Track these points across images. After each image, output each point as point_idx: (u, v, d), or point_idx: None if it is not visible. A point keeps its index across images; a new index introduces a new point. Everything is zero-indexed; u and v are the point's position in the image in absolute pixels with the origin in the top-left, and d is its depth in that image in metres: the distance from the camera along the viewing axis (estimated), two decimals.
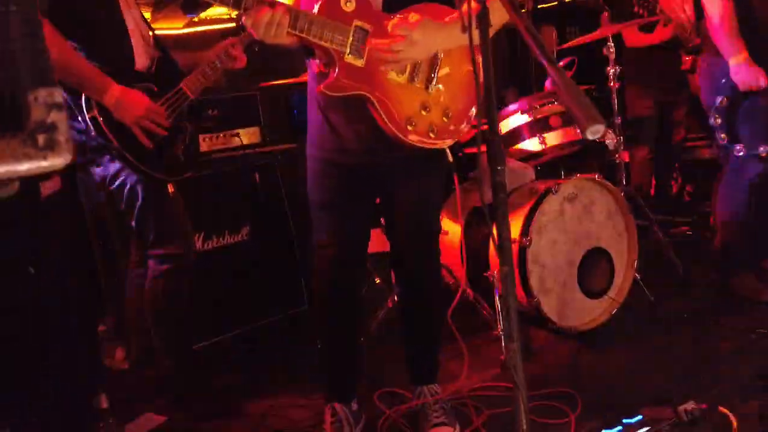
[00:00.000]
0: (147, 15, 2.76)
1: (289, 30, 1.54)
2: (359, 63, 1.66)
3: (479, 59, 1.09)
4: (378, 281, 3.18)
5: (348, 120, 1.79)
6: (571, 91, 0.95)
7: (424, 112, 1.75)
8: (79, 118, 2.08)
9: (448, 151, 1.92)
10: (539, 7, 5.29)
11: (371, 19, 1.66)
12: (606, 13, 3.23)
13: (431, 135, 1.76)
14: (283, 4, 1.54)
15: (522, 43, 5.27)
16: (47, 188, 1.61)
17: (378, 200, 2.11)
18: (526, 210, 2.73)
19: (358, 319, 2.17)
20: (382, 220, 2.19)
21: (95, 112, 2.07)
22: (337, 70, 1.63)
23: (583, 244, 2.83)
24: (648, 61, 4.11)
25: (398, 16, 1.71)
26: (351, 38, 1.63)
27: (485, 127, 1.16)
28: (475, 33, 1.14)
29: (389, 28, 1.67)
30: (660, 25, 3.80)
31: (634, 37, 4.08)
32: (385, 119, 1.69)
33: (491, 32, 1.54)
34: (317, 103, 1.86)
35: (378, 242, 2.34)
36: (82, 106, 2.07)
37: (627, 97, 4.33)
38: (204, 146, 2.94)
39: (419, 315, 2.09)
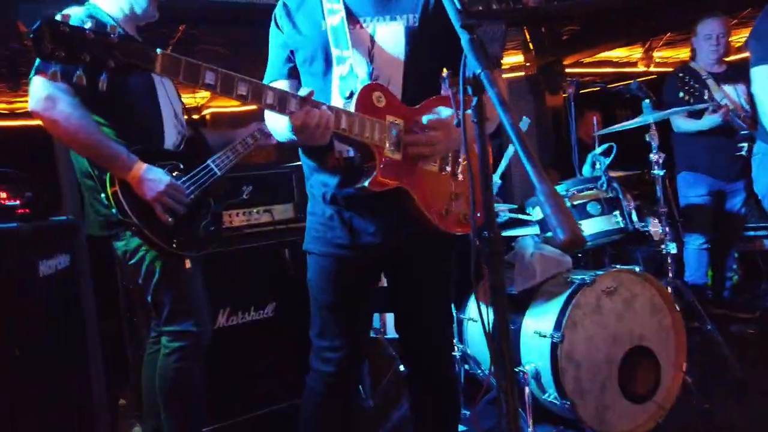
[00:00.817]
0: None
1: (333, 130, 1.55)
2: (397, 157, 1.66)
3: (473, 152, 1.01)
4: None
5: (369, 215, 1.75)
6: (550, 196, 0.85)
7: (454, 201, 1.76)
8: (102, 194, 2.12)
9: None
10: (581, 92, 5.26)
11: (400, 113, 1.67)
12: (648, 101, 3.14)
13: (463, 222, 1.78)
14: (323, 103, 1.54)
15: (565, 127, 5.28)
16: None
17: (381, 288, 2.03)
18: (559, 302, 2.56)
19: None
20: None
21: (116, 188, 2.10)
22: (378, 165, 1.63)
23: (623, 342, 2.62)
24: (700, 147, 3.96)
25: (429, 111, 1.70)
26: (388, 133, 1.64)
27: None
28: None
29: (423, 122, 1.67)
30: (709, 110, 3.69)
31: (682, 121, 3.96)
32: (424, 210, 1.69)
33: (491, 126, 1.54)
34: (324, 197, 1.80)
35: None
36: (105, 182, 2.11)
37: (678, 183, 4.16)
38: (236, 221, 2.97)
39: (436, 422, 1.93)
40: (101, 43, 1.26)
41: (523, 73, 6.50)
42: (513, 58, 6.59)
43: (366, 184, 1.62)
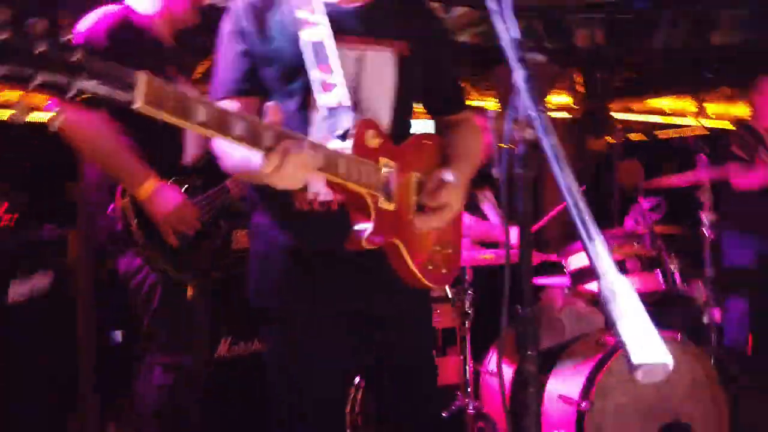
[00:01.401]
0: None
1: (320, 171, 1.24)
2: (391, 207, 1.40)
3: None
4: None
5: (342, 275, 1.49)
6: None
7: (437, 253, 1.54)
8: (112, 207, 2.01)
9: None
10: (630, 139, 5.06)
11: (391, 154, 1.42)
12: (703, 156, 2.93)
13: (444, 271, 1.56)
14: (303, 138, 1.22)
15: (607, 174, 5.08)
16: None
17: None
18: (589, 366, 2.36)
19: None
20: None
21: (127, 202, 1.99)
22: (373, 218, 1.36)
23: (658, 416, 2.40)
24: (752, 206, 3.70)
25: (419, 151, 1.52)
26: (381, 179, 1.39)
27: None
28: None
29: (430, 189, 1.47)
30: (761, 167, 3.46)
31: (742, 178, 3.69)
32: (411, 264, 1.44)
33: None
34: (282, 251, 1.49)
35: None
36: (116, 194, 2.00)
37: (723, 243, 3.90)
38: (242, 243, 2.82)
39: None
40: (60, 62, 0.87)
41: (567, 115, 6.31)
42: (558, 98, 6.41)
43: (365, 243, 1.35)
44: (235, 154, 1.33)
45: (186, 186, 2.11)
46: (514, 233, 2.91)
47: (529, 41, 4.83)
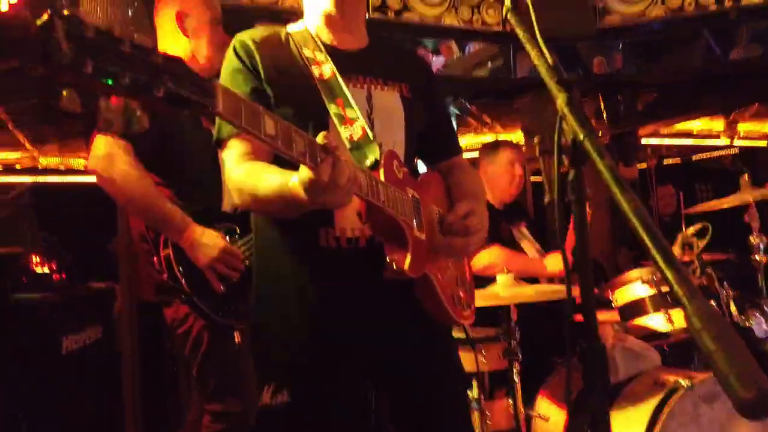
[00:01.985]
0: None
1: (363, 196, 1.22)
2: (422, 237, 1.38)
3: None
4: None
5: (366, 316, 1.42)
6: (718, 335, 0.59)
7: (459, 285, 1.53)
8: (155, 257, 2.03)
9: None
10: (665, 163, 4.96)
11: (412, 185, 1.43)
12: (746, 176, 2.83)
13: (465, 308, 1.53)
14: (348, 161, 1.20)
15: (644, 196, 4.95)
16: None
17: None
18: (649, 408, 2.19)
19: None
20: None
21: (170, 251, 2.00)
22: (410, 248, 1.31)
23: None
24: None
25: (434, 187, 1.52)
26: (413, 209, 1.38)
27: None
28: None
29: (459, 212, 1.45)
30: None
31: None
32: (441, 296, 1.40)
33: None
34: (302, 293, 1.43)
35: None
36: (159, 245, 2.02)
37: None
38: None
39: None
40: (146, 62, 0.87)
41: None
42: None
43: (408, 270, 1.29)
44: (269, 181, 1.28)
45: (227, 231, 2.12)
46: (556, 261, 2.78)
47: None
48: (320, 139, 1.11)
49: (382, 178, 1.30)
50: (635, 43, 4.72)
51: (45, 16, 0.76)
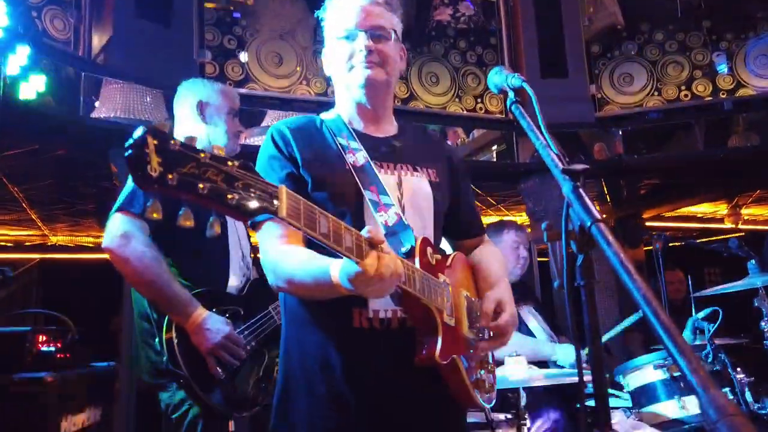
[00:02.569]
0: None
1: (401, 284, 1.24)
2: (452, 323, 1.40)
3: None
4: None
5: (397, 398, 1.42)
6: None
7: (482, 369, 1.54)
8: (157, 339, 2.00)
9: None
10: (670, 245, 4.96)
11: (443, 270, 1.45)
12: (754, 262, 2.83)
13: (487, 393, 1.54)
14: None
15: (654, 279, 4.93)
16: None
17: None
18: None
19: None
20: None
21: (172, 335, 1.98)
22: (440, 334, 1.33)
23: None
24: None
25: (461, 271, 1.53)
26: (444, 295, 1.40)
27: None
28: None
29: (489, 310, 1.47)
30: None
31: None
32: (467, 382, 1.41)
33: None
34: (331, 375, 1.42)
35: None
36: (162, 326, 2.00)
37: None
38: None
39: None
40: (221, 171, 0.92)
41: None
42: None
43: (438, 358, 1.30)
44: (308, 267, 1.31)
45: (231, 314, 2.11)
46: (568, 353, 2.73)
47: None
48: (365, 232, 1.15)
49: (417, 265, 1.33)
50: (636, 130, 4.88)
51: (139, 132, 0.84)
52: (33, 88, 2.16)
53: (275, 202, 0.99)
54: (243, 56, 3.83)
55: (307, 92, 3.93)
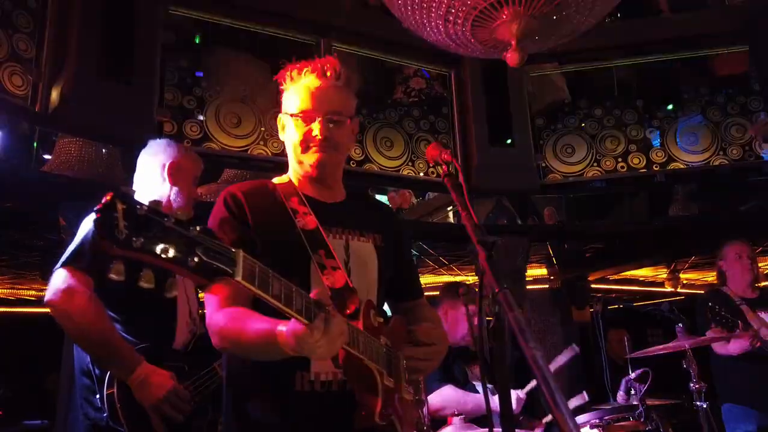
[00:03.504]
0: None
1: (346, 345, 1.30)
2: (391, 384, 1.44)
3: None
4: None
5: None
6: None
7: (417, 428, 1.55)
8: (98, 395, 1.98)
9: None
10: (612, 307, 5.17)
11: (384, 333, 1.51)
12: (681, 325, 3.00)
13: None
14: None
15: (594, 340, 5.11)
16: None
17: None
18: None
19: None
20: None
21: (114, 390, 1.97)
22: (380, 395, 1.39)
23: None
24: (743, 376, 3.63)
25: (402, 329, 1.60)
26: (385, 357, 1.45)
27: None
28: None
29: (420, 335, 1.56)
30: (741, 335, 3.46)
31: (723, 347, 3.68)
32: None
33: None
34: None
35: None
36: (104, 381, 1.99)
37: (724, 416, 3.76)
38: None
39: None
40: (183, 236, 0.98)
41: (547, 286, 6.50)
42: (537, 271, 6.66)
43: (371, 416, 1.35)
44: (254, 328, 1.34)
45: (175, 370, 2.11)
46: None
47: (502, 218, 5.18)
48: (314, 295, 1.21)
49: (361, 327, 1.39)
50: (582, 197, 5.16)
51: (108, 197, 0.90)
52: None
53: (233, 265, 1.06)
54: (202, 116, 3.94)
55: (263, 152, 4.04)
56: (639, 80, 5.28)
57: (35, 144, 3.01)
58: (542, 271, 6.69)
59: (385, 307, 1.79)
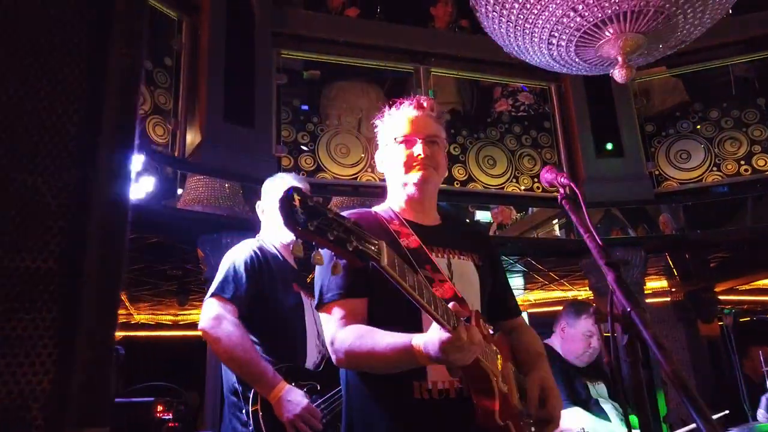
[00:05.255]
0: None
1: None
2: (506, 390, 1.52)
3: None
4: None
5: None
6: None
7: None
8: (244, 411, 2.20)
9: None
10: (742, 321, 4.81)
11: (493, 342, 1.56)
12: None
13: None
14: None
15: (728, 355, 4.74)
16: None
17: None
18: None
19: None
20: None
21: (258, 407, 2.17)
22: (497, 399, 1.45)
23: None
24: None
25: (505, 346, 1.65)
26: (497, 363, 1.52)
27: None
28: None
29: (535, 397, 1.58)
30: None
31: None
32: None
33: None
34: None
35: None
36: (249, 398, 2.20)
37: None
38: None
39: None
40: (342, 225, 1.15)
41: (669, 299, 6.16)
42: (656, 283, 6.32)
43: (492, 418, 1.41)
44: (386, 341, 1.42)
45: (308, 389, 2.29)
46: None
47: (615, 229, 4.98)
48: (451, 305, 1.30)
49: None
50: (702, 204, 4.86)
51: (288, 191, 1.12)
52: (143, 189, 2.52)
53: (379, 254, 1.20)
54: (305, 148, 4.20)
55: (371, 178, 4.24)
56: (760, 77, 4.94)
57: (177, 185, 3.39)
58: (662, 284, 6.35)
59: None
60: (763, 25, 4.70)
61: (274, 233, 2.60)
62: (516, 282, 6.50)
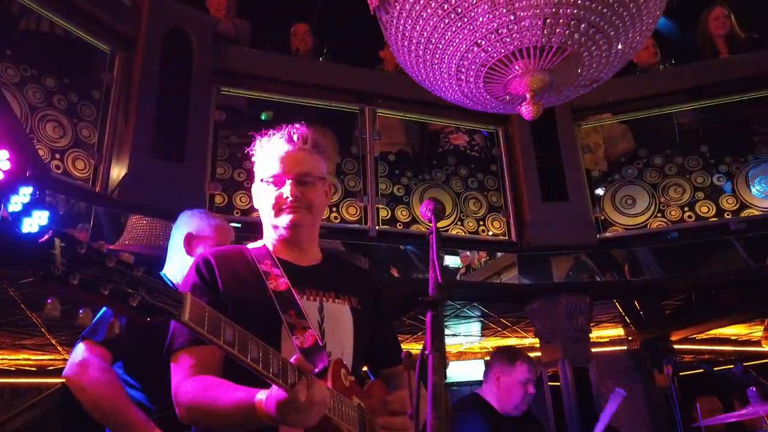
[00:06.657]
0: None
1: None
2: None
3: None
4: None
5: None
6: None
7: None
8: None
9: None
10: (690, 373, 4.71)
11: (358, 394, 1.47)
12: (755, 388, 2.68)
13: None
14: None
15: (683, 412, 4.59)
16: None
17: None
18: None
19: None
20: None
21: None
22: None
23: None
24: None
25: (378, 395, 1.53)
26: (358, 417, 1.40)
27: None
28: None
29: (392, 406, 1.49)
30: None
31: None
32: None
33: None
34: None
35: None
36: None
37: None
38: None
39: None
40: (126, 275, 1.01)
41: (625, 347, 6.04)
42: (613, 331, 6.21)
43: None
44: (229, 397, 1.31)
45: None
46: None
47: (584, 275, 4.80)
48: (295, 360, 1.19)
49: (329, 384, 1.36)
50: (662, 249, 4.77)
51: (46, 236, 0.94)
52: (36, 222, 2.41)
53: (179, 307, 1.07)
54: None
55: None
56: (703, 125, 4.99)
57: (91, 223, 3.24)
58: (619, 332, 6.24)
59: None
60: (707, 74, 4.78)
61: (178, 268, 2.46)
62: (473, 328, 6.36)
